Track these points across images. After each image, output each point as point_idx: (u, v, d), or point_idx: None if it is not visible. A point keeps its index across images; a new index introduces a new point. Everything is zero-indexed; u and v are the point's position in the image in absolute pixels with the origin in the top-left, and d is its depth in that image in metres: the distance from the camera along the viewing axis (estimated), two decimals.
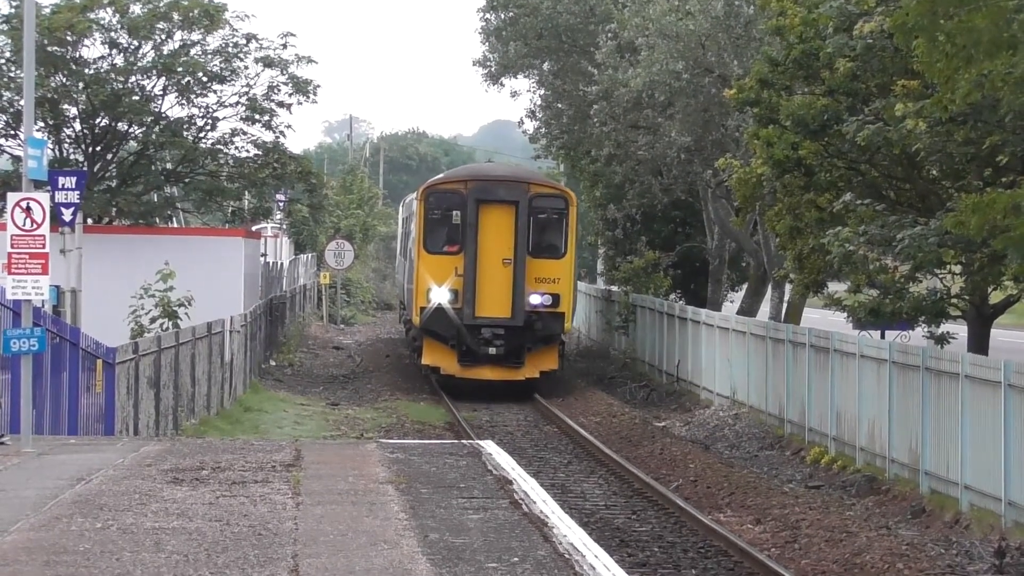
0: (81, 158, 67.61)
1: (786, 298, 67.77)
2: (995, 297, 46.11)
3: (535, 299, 62.65)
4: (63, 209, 40.63)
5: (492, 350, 62.21)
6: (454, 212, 63.00)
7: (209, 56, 69.18)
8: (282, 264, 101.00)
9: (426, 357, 64.15)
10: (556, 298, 63.26)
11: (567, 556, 18.59)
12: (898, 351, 41.69)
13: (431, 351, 63.77)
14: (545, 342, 63.97)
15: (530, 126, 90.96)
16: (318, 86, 71.30)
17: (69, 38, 66.45)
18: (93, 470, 24.77)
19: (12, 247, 29.45)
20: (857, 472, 42.52)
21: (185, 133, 69.91)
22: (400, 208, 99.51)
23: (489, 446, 29.24)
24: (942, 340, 43.24)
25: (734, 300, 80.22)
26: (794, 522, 36.86)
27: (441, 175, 71.40)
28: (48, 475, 24.27)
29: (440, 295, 62.28)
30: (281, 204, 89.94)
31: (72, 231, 43.11)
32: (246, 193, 76.13)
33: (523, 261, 62.59)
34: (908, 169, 43.14)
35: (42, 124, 63.64)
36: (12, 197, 29.77)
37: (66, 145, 68.21)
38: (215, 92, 69.85)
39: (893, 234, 41.22)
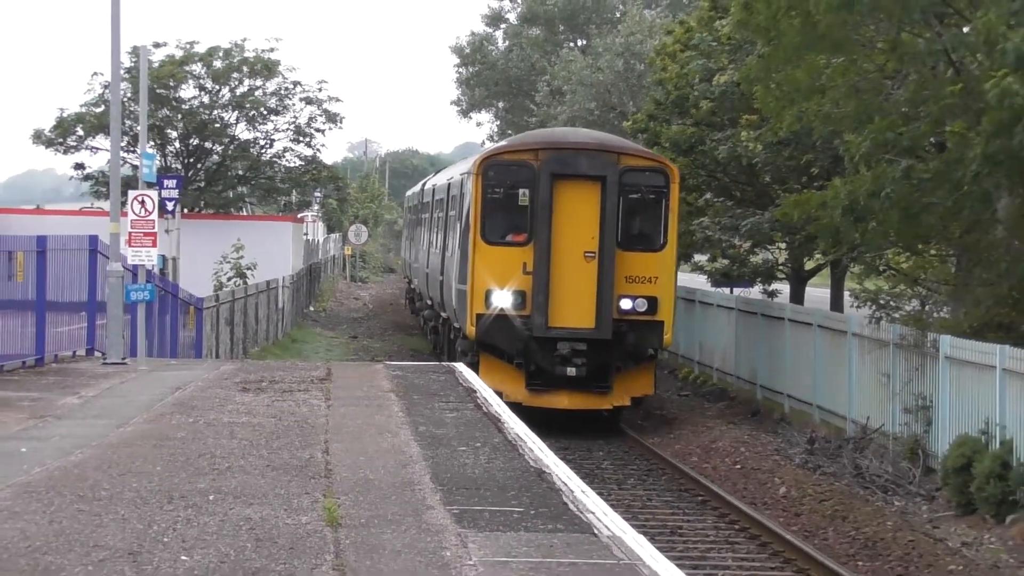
0: (179, 167, 67.66)
1: None
2: (809, 265, 46.28)
3: (626, 304, 34.74)
4: (167, 202, 40.55)
5: (571, 371, 34.29)
6: (521, 191, 34.98)
7: (268, 96, 69.39)
8: (318, 241, 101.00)
9: (484, 377, 31.88)
10: (653, 302, 34.90)
11: (514, 443, 18.62)
12: (742, 302, 41.81)
13: (490, 371, 34.33)
14: (637, 360, 35.45)
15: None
16: (343, 117, 71.85)
17: (171, 84, 66.59)
18: (187, 382, 24.74)
19: (131, 228, 29.46)
20: (714, 386, 42.61)
21: (251, 150, 70.26)
22: (419, 190, 62.05)
23: (460, 366, 29.25)
24: (772, 294, 43.45)
25: None
26: (670, 419, 36.93)
27: (503, 142, 41.05)
28: (156, 385, 24.24)
29: (502, 299, 34.77)
30: (317, 199, 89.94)
31: (173, 217, 43.00)
32: (293, 191, 76.35)
33: (611, 255, 34.48)
34: (750, 176, 43.19)
35: (152, 143, 63.46)
36: (132, 193, 29.73)
37: (169, 158, 68.23)
38: (272, 121, 70.24)
39: (739, 222, 41.43)
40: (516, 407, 28.24)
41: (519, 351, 34.67)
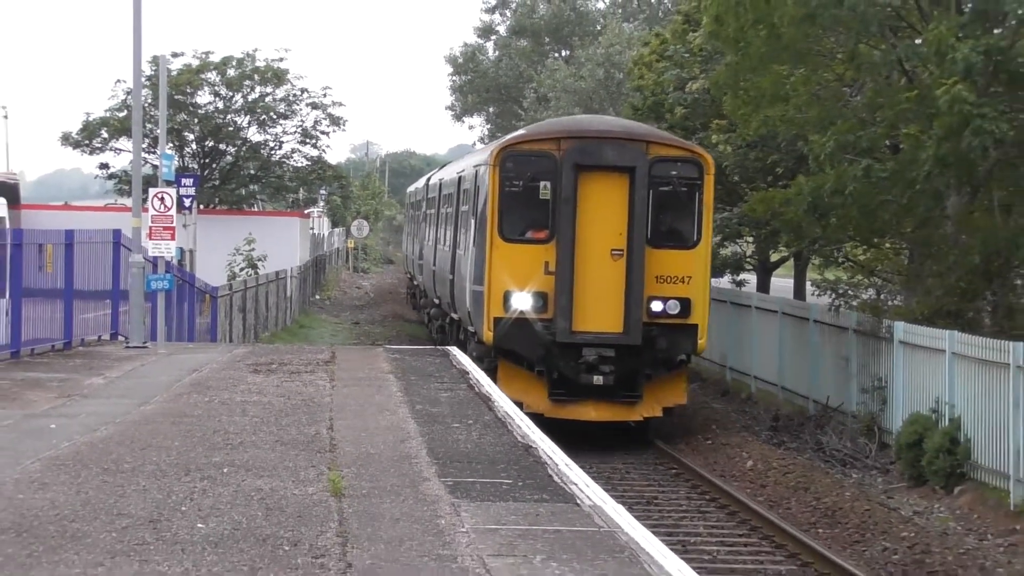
0: (196, 166, 67.60)
1: None
2: (774, 257, 46.30)
3: (657, 306, 29.17)
4: (184, 199, 40.49)
5: (598, 379, 28.78)
6: (542, 183, 29.34)
7: (277, 101, 69.39)
8: (323, 235, 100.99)
9: (503, 386, 26.03)
10: (686, 304, 29.40)
11: (504, 420, 18.63)
12: (713, 291, 41.73)
13: (509, 380, 28.88)
14: (669, 366, 29.69)
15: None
16: (346, 121, 72.04)
17: (188, 90, 66.59)
18: (203, 364, 24.72)
19: (152, 223, 29.48)
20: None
21: (262, 151, 70.21)
22: (422, 185, 54.90)
23: (454, 350, 29.23)
24: (740, 284, 43.47)
25: None
26: None
27: (522, 131, 33.71)
28: (174, 367, 24.22)
29: (522, 301, 29.14)
30: (323, 197, 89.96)
31: (190, 213, 42.95)
32: (301, 189, 76.39)
33: (641, 252, 28.90)
34: (720, 177, 43.18)
35: (171, 145, 63.40)
36: (152, 191, 29.74)
37: (186, 158, 68.19)
38: (281, 125, 70.26)
39: None
40: (537, 419, 23.18)
41: (540, 358, 29.12)
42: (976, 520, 22.58)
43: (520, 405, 23.88)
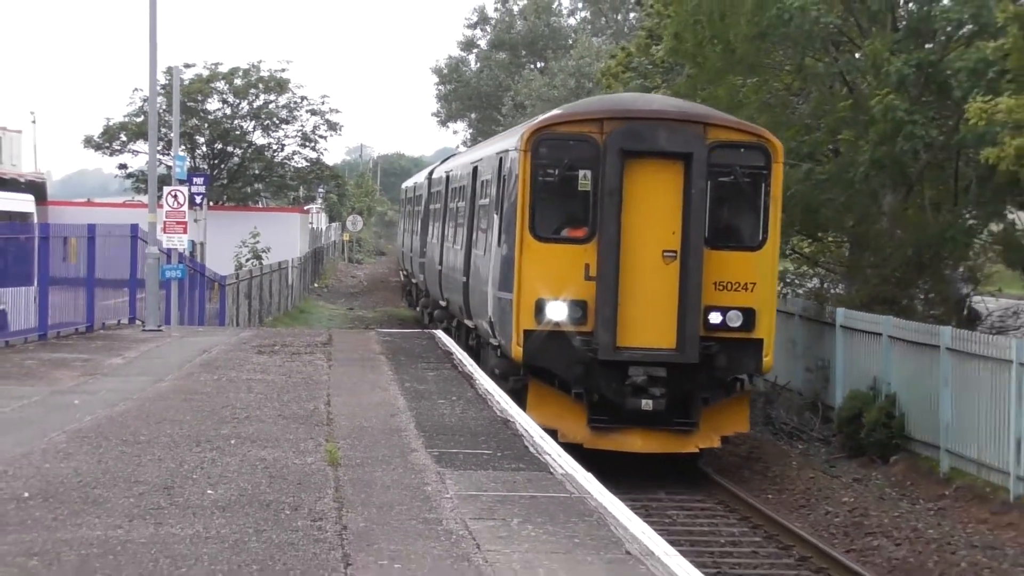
0: (206, 167, 67.52)
1: None
2: None
3: (715, 317, 21.93)
4: (195, 196, 40.37)
5: (646, 404, 21.67)
6: (581, 172, 22.00)
7: (280, 108, 69.42)
8: (321, 228, 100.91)
9: (533, 411, 20.36)
10: (749, 315, 22.06)
11: (484, 397, 18.62)
12: None
13: (541, 404, 21.96)
14: (729, 388, 22.85)
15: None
16: (342, 125, 72.05)
17: (199, 98, 66.60)
18: (212, 345, 24.67)
19: (166, 218, 29.43)
20: None
21: (266, 153, 70.29)
22: (423, 180, 46.83)
23: (439, 333, 29.18)
24: None
25: None
26: None
27: (558, 110, 25.10)
28: (186, 348, 24.17)
29: (557, 311, 21.86)
30: (321, 194, 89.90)
31: (201, 209, 42.82)
32: (301, 188, 76.35)
33: (698, 254, 21.71)
34: None
35: (183, 147, 63.31)
36: (166, 189, 29.68)
37: (197, 159, 68.13)
38: (283, 129, 70.27)
39: None
40: (575, 450, 17.53)
41: (579, 378, 22.18)
42: (909, 486, 22.68)
43: (553, 433, 18.43)
